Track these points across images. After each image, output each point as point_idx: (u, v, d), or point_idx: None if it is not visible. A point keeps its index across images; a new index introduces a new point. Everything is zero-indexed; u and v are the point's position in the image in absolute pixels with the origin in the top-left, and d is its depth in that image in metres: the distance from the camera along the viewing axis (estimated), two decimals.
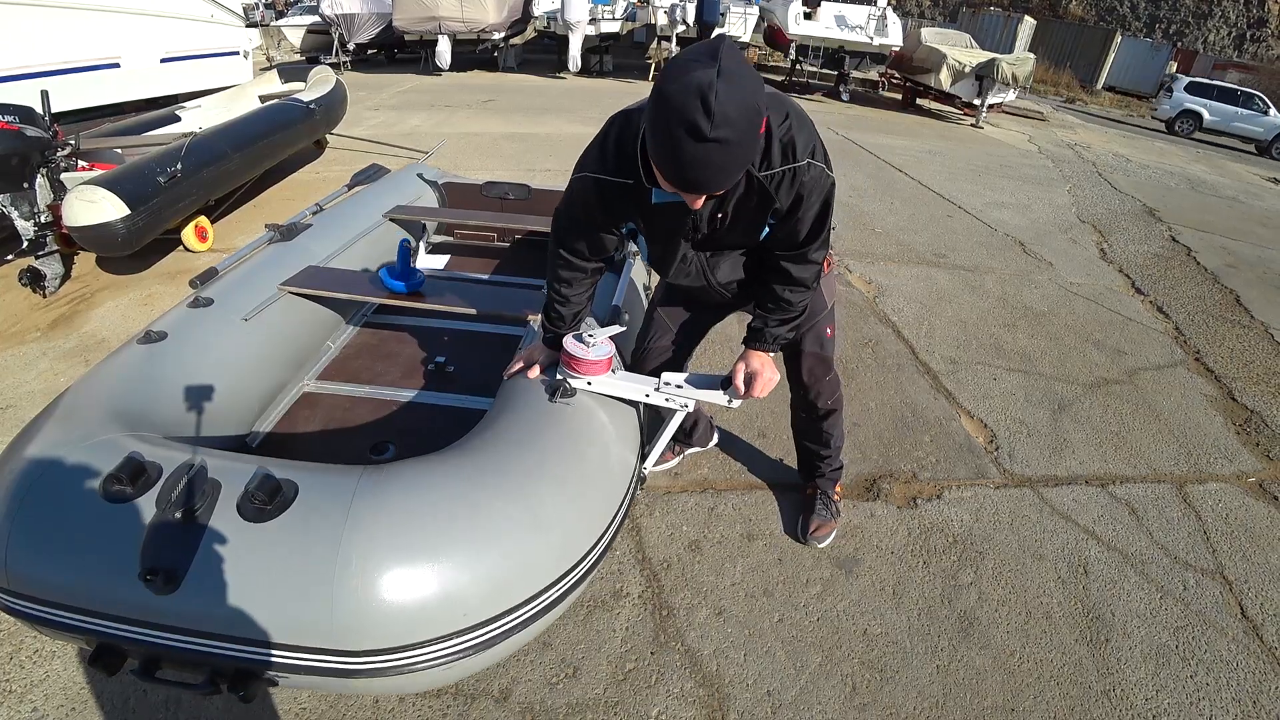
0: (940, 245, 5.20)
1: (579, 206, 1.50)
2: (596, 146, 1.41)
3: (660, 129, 1.09)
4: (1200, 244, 6.06)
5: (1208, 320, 4.48)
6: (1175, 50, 20.65)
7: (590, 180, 1.41)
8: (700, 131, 1.03)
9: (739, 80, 1.04)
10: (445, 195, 3.20)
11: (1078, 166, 8.90)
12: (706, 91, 1.01)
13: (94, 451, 1.27)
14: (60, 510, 1.18)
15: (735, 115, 1.03)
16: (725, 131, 1.03)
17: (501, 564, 1.24)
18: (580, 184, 1.44)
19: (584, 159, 1.44)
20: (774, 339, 1.62)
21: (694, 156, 1.07)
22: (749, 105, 1.06)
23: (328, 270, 2.25)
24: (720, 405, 1.66)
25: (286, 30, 11.46)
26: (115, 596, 1.14)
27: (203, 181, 3.56)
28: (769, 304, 1.59)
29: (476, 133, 6.79)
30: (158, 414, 1.51)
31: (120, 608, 1.14)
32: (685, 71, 1.04)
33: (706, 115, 1.02)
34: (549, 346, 1.69)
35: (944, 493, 2.55)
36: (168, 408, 1.55)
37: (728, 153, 1.07)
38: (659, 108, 1.08)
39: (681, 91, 1.03)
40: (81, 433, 1.32)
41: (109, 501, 1.17)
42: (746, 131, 1.08)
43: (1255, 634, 2.14)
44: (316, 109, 4.83)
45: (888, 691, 1.80)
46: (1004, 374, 3.44)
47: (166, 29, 5.10)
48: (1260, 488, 2.85)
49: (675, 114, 1.04)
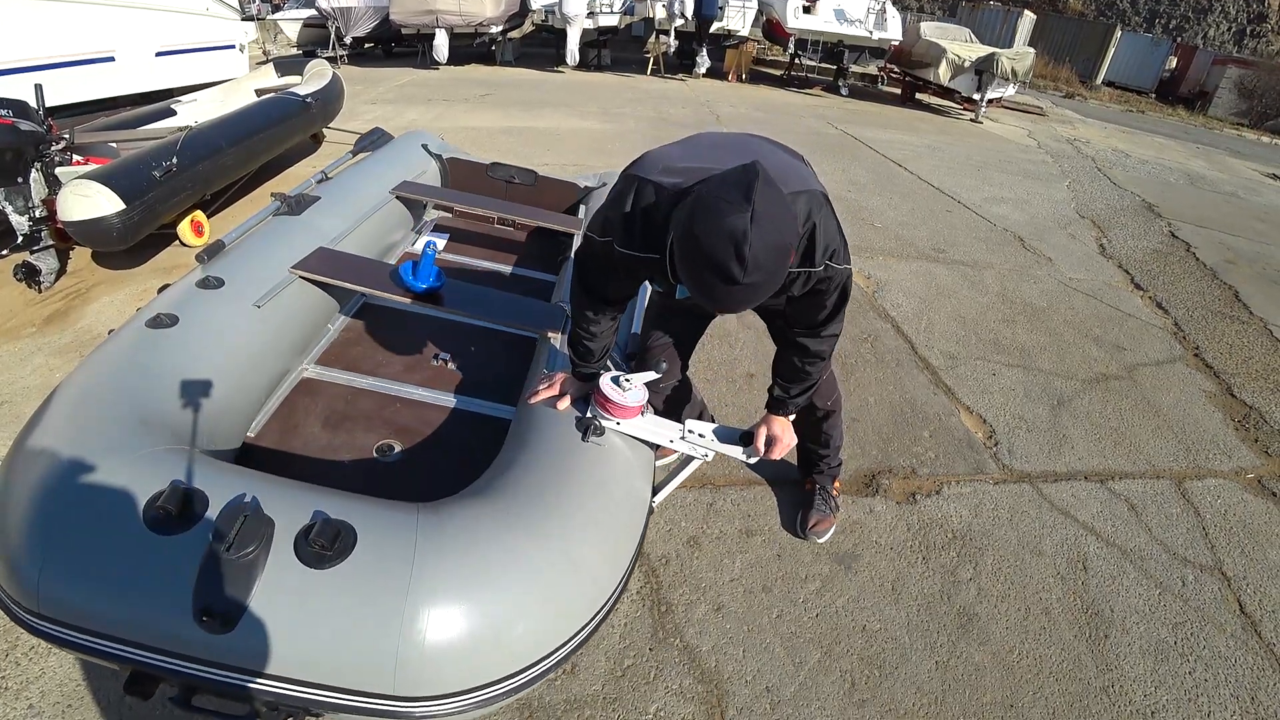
0: (939, 240, 5.19)
1: (602, 259, 1.50)
2: (621, 220, 1.38)
3: (694, 270, 1.13)
4: (1199, 239, 6.06)
5: (1207, 316, 4.48)
6: (1175, 45, 20.59)
7: (615, 249, 1.41)
8: (733, 278, 1.07)
9: (771, 223, 1.07)
10: (449, 170, 3.17)
11: (1077, 162, 8.88)
12: (741, 241, 1.04)
13: (131, 467, 1.24)
14: (101, 536, 1.15)
15: (765, 260, 1.07)
16: (756, 276, 1.08)
17: (545, 607, 1.26)
18: (604, 248, 1.44)
19: (607, 225, 1.42)
20: (794, 407, 1.70)
21: (725, 294, 1.12)
22: (781, 246, 1.10)
23: (341, 255, 2.22)
24: (738, 460, 1.72)
25: (283, 24, 11.40)
26: (160, 629, 1.12)
27: (198, 176, 3.53)
28: (787, 376, 1.67)
29: (474, 126, 6.75)
30: (171, 405, 1.49)
31: (165, 641, 1.12)
32: (720, 216, 1.06)
33: (740, 264, 1.05)
34: (580, 379, 1.69)
35: (943, 488, 2.55)
36: (180, 398, 1.53)
37: (756, 291, 1.12)
38: (692, 248, 1.11)
39: (715, 237, 1.06)
40: (108, 438, 1.29)
41: (155, 531, 1.14)
42: (776, 271, 1.12)
43: (1254, 630, 2.14)
44: (313, 103, 4.80)
45: (887, 687, 1.80)
46: (1003, 369, 3.44)
47: (162, 22, 5.06)
48: (1259, 484, 2.85)
49: (707, 260, 1.08)
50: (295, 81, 5.34)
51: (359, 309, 2.37)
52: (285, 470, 1.53)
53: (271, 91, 5.05)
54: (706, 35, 11.45)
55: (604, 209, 1.46)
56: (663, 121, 7.95)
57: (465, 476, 1.51)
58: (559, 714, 1.63)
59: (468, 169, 3.19)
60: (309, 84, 5.07)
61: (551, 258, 2.90)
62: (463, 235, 3.01)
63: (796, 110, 10.08)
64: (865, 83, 14.18)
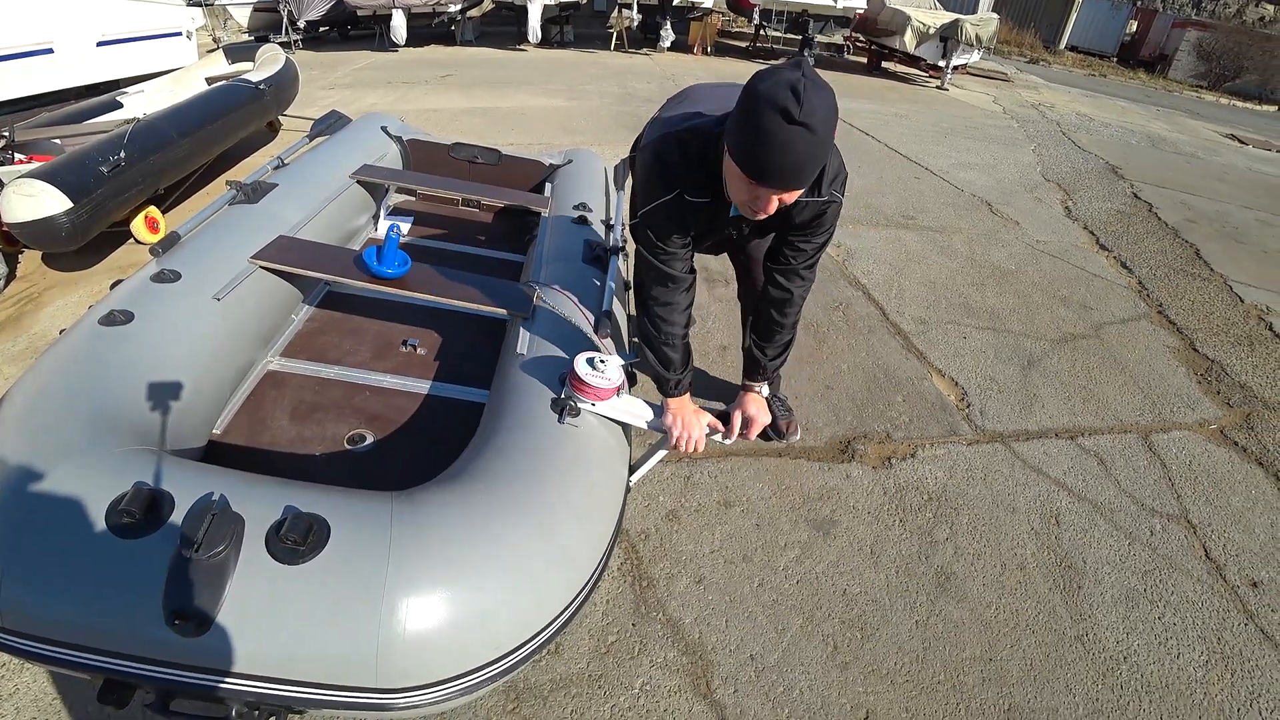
0: (908, 207, 5.21)
1: (674, 222, 1.57)
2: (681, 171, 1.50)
3: (752, 117, 1.22)
4: (1161, 200, 6.16)
5: (1169, 274, 4.57)
6: (1135, 9, 20.77)
7: (686, 200, 1.52)
8: (791, 115, 1.17)
9: (820, 86, 1.20)
10: (410, 153, 3.09)
11: (1042, 126, 8.96)
12: (796, 85, 1.17)
13: (90, 471, 1.19)
14: (62, 544, 1.11)
15: (819, 107, 1.18)
16: (812, 119, 1.17)
17: (526, 588, 1.25)
18: (675, 204, 1.53)
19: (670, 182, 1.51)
20: (772, 371, 1.80)
21: (784, 140, 1.19)
22: (829, 105, 1.21)
23: (302, 243, 2.16)
24: (715, 440, 1.73)
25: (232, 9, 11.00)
26: (131, 636, 1.08)
27: (150, 169, 3.41)
28: (764, 333, 1.78)
29: (437, 108, 6.61)
30: (129, 405, 1.43)
31: (137, 647, 1.09)
32: (775, 73, 1.21)
33: (797, 101, 1.16)
34: (678, 395, 1.69)
35: (918, 451, 2.58)
36: (138, 397, 1.47)
37: (811, 141, 1.20)
38: (752, 100, 1.22)
39: (774, 85, 1.19)
40: (64, 442, 1.24)
41: (119, 536, 1.11)
42: (825, 126, 1.21)
43: (1219, 574, 2.21)
44: (266, 89, 4.64)
45: (869, 649, 1.83)
46: (973, 332, 3.48)
47: (102, 10, 4.85)
48: (1221, 434, 2.93)
49: (768, 101, 1.19)
50: (247, 68, 5.16)
51: (323, 298, 2.32)
52: (254, 466, 1.49)
53: (223, 79, 4.88)
54: (670, 8, 11.28)
55: (651, 174, 1.55)
56: (629, 97, 7.85)
57: (440, 463, 1.49)
58: (546, 694, 1.63)
59: (429, 150, 3.11)
60: (262, 70, 4.91)
61: (518, 237, 2.86)
62: (427, 218, 2.94)
63: None
64: (831, 52, 14.13)
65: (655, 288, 1.67)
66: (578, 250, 2.23)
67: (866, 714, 1.68)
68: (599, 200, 2.70)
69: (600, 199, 2.72)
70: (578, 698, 1.63)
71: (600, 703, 1.63)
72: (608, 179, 3.00)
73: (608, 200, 2.77)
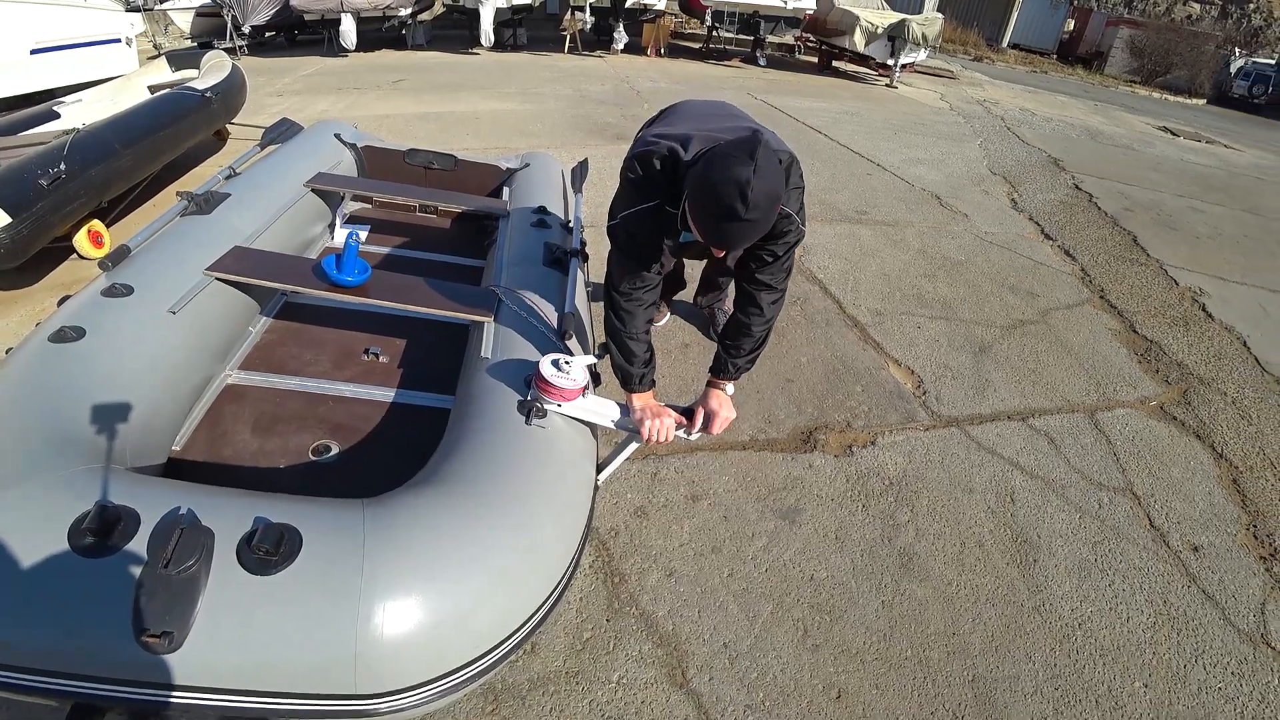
0: (861, 202, 5.34)
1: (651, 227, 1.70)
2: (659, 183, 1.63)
3: (706, 209, 1.41)
4: (1100, 190, 6.43)
5: (1109, 261, 4.77)
6: (1072, 8, 21.58)
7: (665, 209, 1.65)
8: (737, 215, 1.34)
9: (769, 176, 1.35)
10: (364, 160, 3.05)
11: (987, 122, 9.25)
12: (745, 185, 1.31)
13: (49, 492, 1.16)
14: (23, 568, 1.07)
15: (764, 203, 1.35)
16: (755, 215, 1.35)
17: (500, 589, 1.26)
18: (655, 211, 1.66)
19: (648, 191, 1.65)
20: (738, 370, 1.84)
21: (728, 229, 1.39)
22: (774, 194, 1.38)
23: (259, 253, 2.12)
24: (680, 438, 1.76)
25: (173, 14, 10.66)
26: (100, 658, 1.06)
27: (91, 182, 3.30)
28: (736, 334, 1.83)
29: (389, 114, 6.52)
30: (85, 423, 1.39)
31: (107, 669, 1.06)
32: (729, 168, 1.34)
33: (744, 202, 1.32)
34: (644, 391, 1.75)
35: (877, 439, 2.65)
36: (94, 416, 1.43)
37: (754, 228, 1.40)
38: (705, 190, 1.39)
39: (723, 182, 1.34)
40: (18, 463, 1.20)
41: (83, 555, 1.08)
42: (769, 212, 1.40)
43: (1162, 541, 2.33)
44: (213, 97, 4.53)
45: (838, 630, 1.88)
46: (927, 322, 3.58)
47: (34, 16, 4.68)
48: (1161, 410, 3.08)
49: (716, 199, 1.36)
50: (192, 75, 5.02)
51: (280, 308, 2.28)
52: (216, 482, 1.46)
53: (166, 87, 4.74)
54: (623, 10, 11.33)
55: (633, 184, 1.68)
56: (583, 99, 7.86)
57: (407, 470, 1.49)
58: (524, 694, 1.64)
59: (384, 157, 3.08)
60: (207, 77, 4.79)
61: (478, 242, 2.85)
62: (384, 225, 2.91)
63: (717, 82, 10.12)
64: (782, 52, 14.35)
65: (624, 284, 1.75)
66: (538, 253, 2.24)
67: (839, 693, 1.73)
68: (558, 203, 2.71)
69: (559, 202, 2.73)
70: (556, 695, 1.64)
71: (579, 699, 1.64)
72: (565, 182, 3.01)
73: (566, 203, 2.78)
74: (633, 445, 1.78)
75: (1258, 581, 2.23)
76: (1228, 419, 3.08)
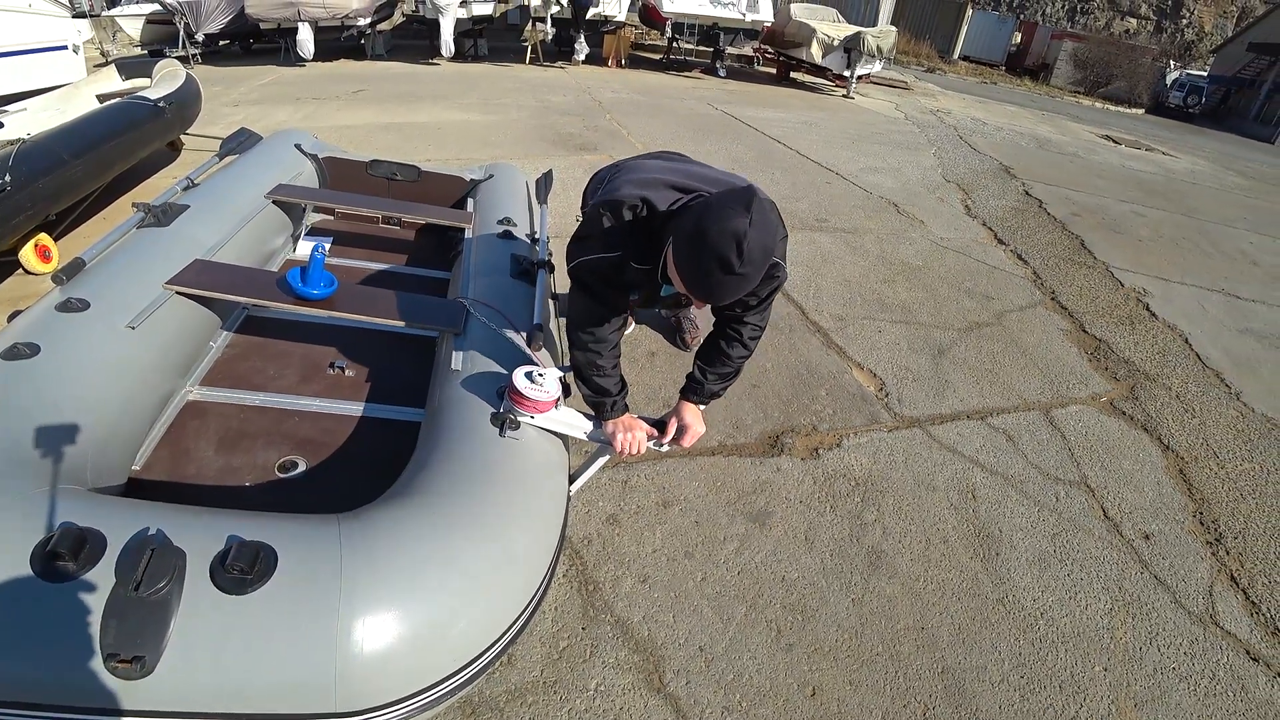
0: (821, 211, 5.45)
1: (614, 277, 1.62)
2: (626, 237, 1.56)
3: (697, 262, 1.34)
4: (1049, 196, 6.68)
5: (1059, 263, 4.96)
6: (1019, 22, 22.45)
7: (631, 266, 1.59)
8: (731, 268, 1.29)
9: (764, 229, 1.31)
10: (326, 170, 3.01)
11: (941, 131, 9.53)
12: (742, 238, 1.27)
13: (7, 514, 1.12)
14: None
15: (757, 256, 1.30)
16: (748, 269, 1.31)
17: (477, 601, 1.25)
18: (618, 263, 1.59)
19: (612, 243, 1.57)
20: (709, 394, 1.81)
21: (720, 282, 1.33)
22: (767, 248, 1.33)
23: (220, 266, 2.07)
24: (651, 449, 1.78)
25: (122, 20, 10.34)
26: (69, 685, 1.02)
27: (38, 194, 3.19)
28: (712, 359, 1.80)
29: (349, 124, 6.44)
30: (40, 443, 1.35)
31: (76, 697, 1.03)
32: (725, 216, 1.30)
33: (739, 256, 1.28)
34: (621, 413, 1.73)
35: (843, 441, 2.71)
36: (49, 435, 1.39)
37: (745, 282, 1.35)
38: (699, 241, 1.32)
39: (720, 235, 1.29)
40: None
41: (48, 580, 1.04)
42: (761, 267, 1.35)
43: (1116, 530, 2.43)
44: (166, 107, 4.42)
45: (810, 629, 1.91)
46: (888, 326, 3.67)
47: None
48: (1111, 405, 3.21)
49: (712, 251, 1.30)
50: (144, 84, 4.89)
51: (242, 322, 2.23)
52: (180, 502, 1.43)
53: (116, 96, 4.61)
54: (584, 21, 11.39)
55: (600, 230, 1.59)
56: (546, 110, 7.87)
57: (377, 484, 1.47)
58: (502, 705, 1.63)
59: (346, 168, 3.04)
60: (160, 87, 4.67)
61: (443, 254, 2.83)
62: (347, 238, 2.88)
63: (677, 93, 10.23)
64: (741, 64, 14.58)
65: (589, 325, 1.70)
66: (505, 265, 2.24)
67: (813, 690, 1.76)
68: (523, 214, 2.71)
69: (524, 213, 2.73)
70: (534, 705, 1.64)
71: (557, 708, 1.64)
72: (530, 193, 3.01)
73: (531, 214, 2.79)
74: (605, 457, 1.79)
75: (1205, 566, 2.34)
76: (1173, 412, 3.23)
